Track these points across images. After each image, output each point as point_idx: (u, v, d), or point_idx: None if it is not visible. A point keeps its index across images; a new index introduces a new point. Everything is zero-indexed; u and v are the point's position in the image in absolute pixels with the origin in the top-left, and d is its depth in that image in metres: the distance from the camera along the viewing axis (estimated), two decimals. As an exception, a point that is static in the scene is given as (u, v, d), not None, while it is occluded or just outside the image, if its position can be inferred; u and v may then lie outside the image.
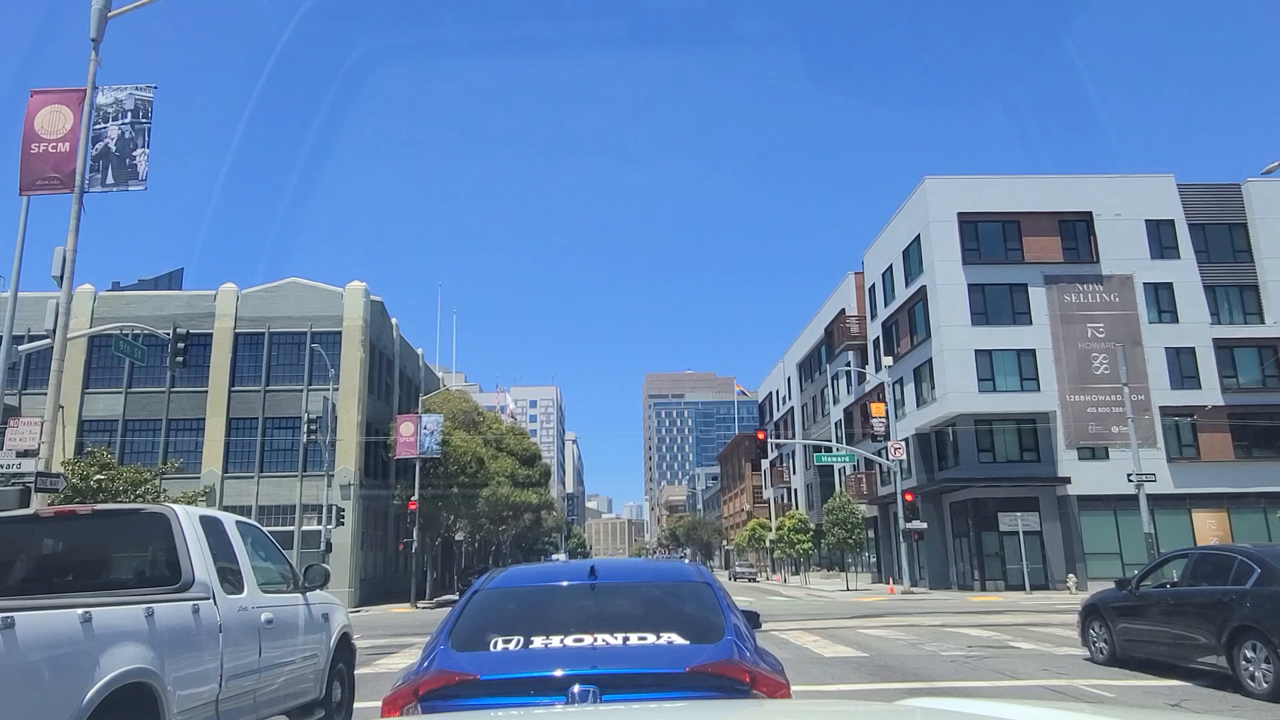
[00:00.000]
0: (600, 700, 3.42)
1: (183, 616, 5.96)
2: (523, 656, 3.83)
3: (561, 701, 3.46)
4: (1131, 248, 41.17)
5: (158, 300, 40.29)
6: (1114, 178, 43.04)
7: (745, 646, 3.97)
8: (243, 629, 6.75)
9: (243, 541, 7.37)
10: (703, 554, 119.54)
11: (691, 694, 3.59)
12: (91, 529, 7.16)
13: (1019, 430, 40.76)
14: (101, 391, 39.56)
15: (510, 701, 3.59)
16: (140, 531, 7.10)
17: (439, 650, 3.97)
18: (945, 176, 43.28)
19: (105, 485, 33.90)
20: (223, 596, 6.59)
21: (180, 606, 5.97)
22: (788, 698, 3.96)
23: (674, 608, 4.39)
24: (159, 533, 6.62)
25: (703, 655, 3.76)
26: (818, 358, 64.57)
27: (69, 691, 4.64)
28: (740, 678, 3.69)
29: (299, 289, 41.19)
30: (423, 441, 39.04)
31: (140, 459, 37.77)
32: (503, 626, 4.11)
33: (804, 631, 18.57)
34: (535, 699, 3.57)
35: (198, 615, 6.15)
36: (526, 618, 4.26)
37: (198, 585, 6.35)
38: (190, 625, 6.03)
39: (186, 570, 6.36)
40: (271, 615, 7.28)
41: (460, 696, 3.62)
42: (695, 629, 4.06)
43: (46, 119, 14.32)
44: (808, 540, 54.07)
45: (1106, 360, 39.67)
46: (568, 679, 3.54)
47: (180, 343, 23.18)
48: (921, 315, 43.23)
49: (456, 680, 3.67)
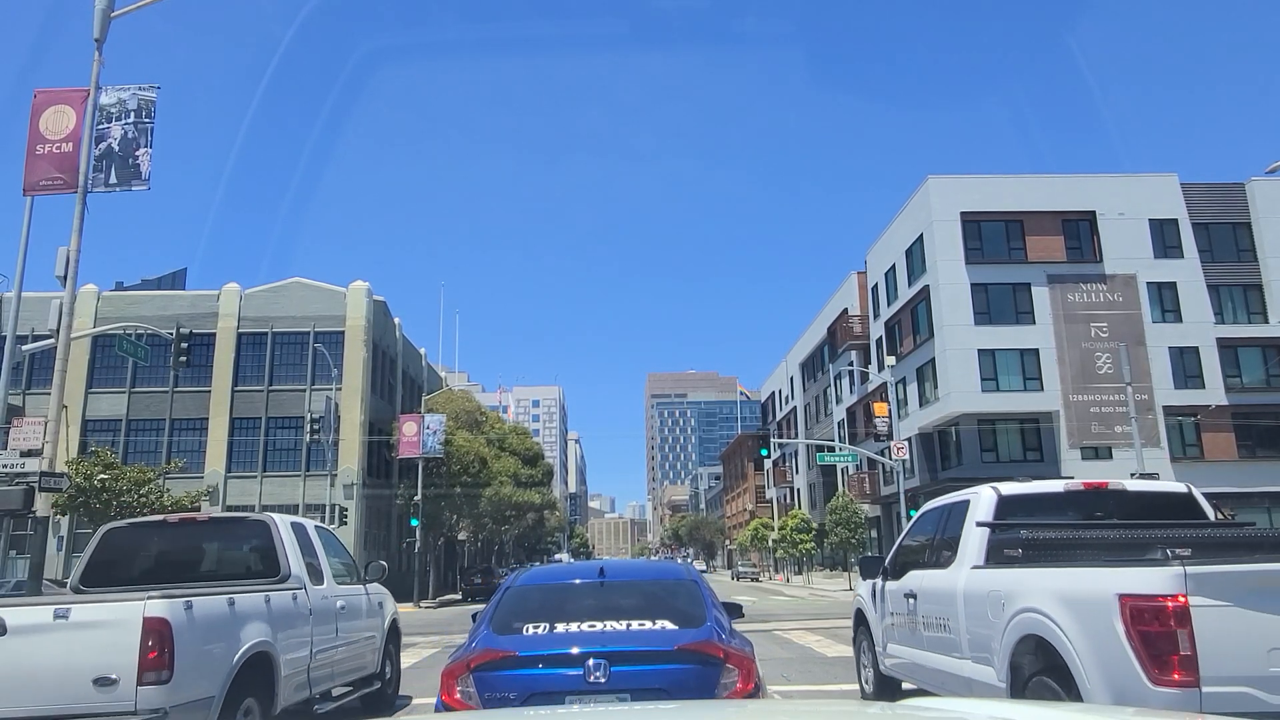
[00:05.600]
0: (610, 673, 4.48)
1: (286, 602, 7.43)
2: (549, 638, 4.83)
3: (579, 672, 4.51)
4: (1135, 247, 41.10)
5: (161, 300, 40.34)
6: (1117, 177, 42.98)
7: (722, 631, 4.98)
8: (325, 613, 8.16)
9: (320, 542, 8.83)
10: (705, 553, 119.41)
11: (679, 666, 4.63)
12: (207, 532, 8.89)
13: (1022, 430, 40.72)
14: (105, 391, 39.62)
15: (540, 673, 4.62)
16: (246, 535, 8.58)
17: (484, 634, 5.00)
18: (948, 176, 43.23)
19: (109, 485, 34.01)
20: (310, 587, 8.02)
21: (284, 594, 7.45)
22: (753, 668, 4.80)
23: (667, 601, 5.31)
24: (260, 535, 8.12)
25: (687, 637, 4.79)
26: (820, 357, 64.53)
27: (224, 654, 6.23)
28: (716, 654, 4.69)
29: (302, 289, 41.24)
30: (425, 441, 39.07)
31: (144, 459, 37.84)
32: (532, 615, 5.10)
33: (806, 631, 18.60)
34: (559, 670, 4.59)
35: (295, 601, 7.63)
36: (550, 608, 5.21)
37: (293, 578, 7.80)
38: (291, 609, 7.49)
39: (284, 566, 7.82)
40: (344, 603, 8.74)
41: (502, 669, 4.65)
42: (683, 617, 5.03)
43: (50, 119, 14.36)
44: (810, 540, 54.05)
45: (1110, 360, 39.60)
46: (583, 655, 4.57)
47: (183, 343, 23.19)
48: (924, 315, 43.19)
49: (499, 656, 4.69)
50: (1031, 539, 6.18)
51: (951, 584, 6.89)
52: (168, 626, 5.65)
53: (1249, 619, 4.45)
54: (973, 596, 6.49)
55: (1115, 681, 4.71)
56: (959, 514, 7.32)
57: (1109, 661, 4.76)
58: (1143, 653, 4.58)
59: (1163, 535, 5.60)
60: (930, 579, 7.46)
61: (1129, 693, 4.62)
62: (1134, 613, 4.65)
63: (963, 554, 6.92)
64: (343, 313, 40.67)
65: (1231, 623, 4.45)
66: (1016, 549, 6.29)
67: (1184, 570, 4.50)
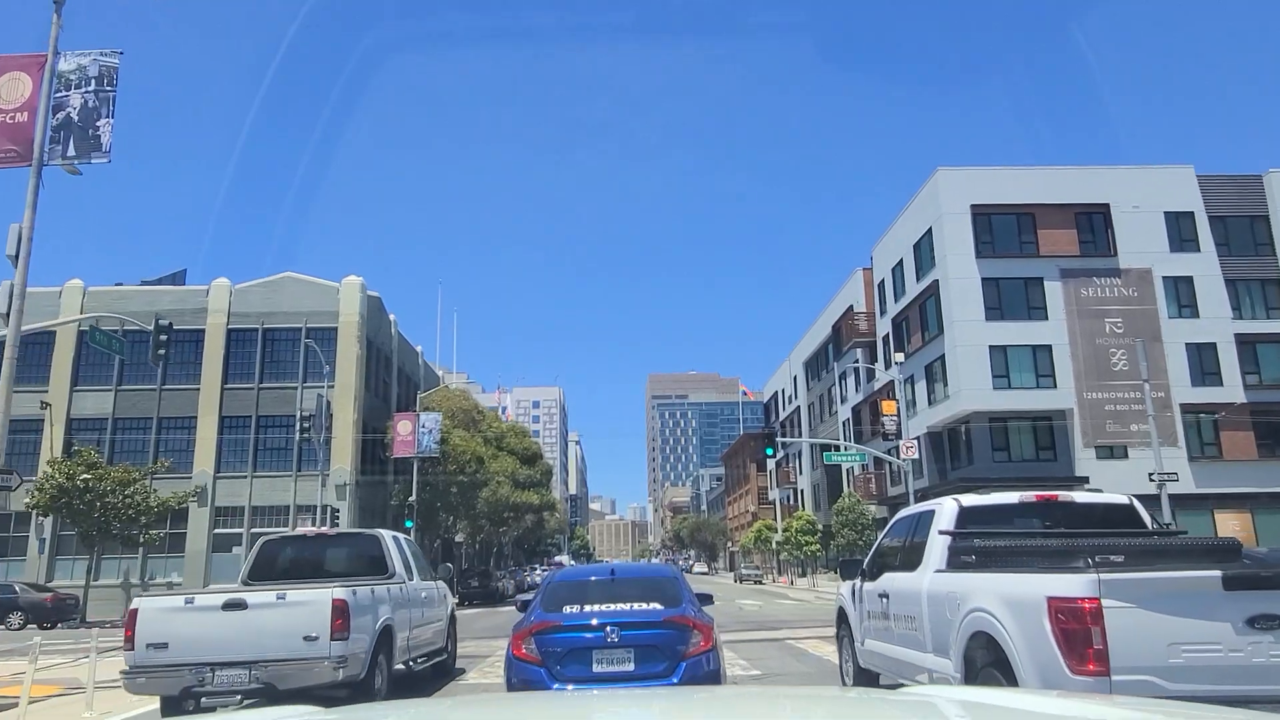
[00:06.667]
0: (620, 635, 7.09)
1: (396, 592, 10.42)
2: (581, 614, 7.39)
3: (601, 635, 7.09)
4: (1150, 241, 39.97)
5: (149, 295, 39.19)
6: (1131, 169, 41.85)
7: (692, 609, 7.56)
8: (416, 601, 11.19)
9: (409, 550, 12.02)
10: (707, 555, 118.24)
11: (664, 630, 7.20)
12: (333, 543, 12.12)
13: (1034, 429, 39.58)
14: (91, 389, 38.50)
15: (576, 635, 7.17)
16: (362, 544, 11.58)
17: (538, 611, 7.57)
18: (958, 168, 42.12)
19: (92, 485, 32.89)
20: (407, 582, 11.08)
21: (394, 586, 10.47)
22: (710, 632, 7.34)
23: (657, 590, 7.89)
24: (373, 545, 11.26)
25: (670, 613, 7.39)
26: (825, 356, 63.39)
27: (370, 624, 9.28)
28: (687, 624, 7.26)
29: (294, 284, 40.11)
30: (421, 440, 37.96)
31: (131, 458, 36.75)
32: (568, 599, 7.70)
33: (821, 641, 17.40)
34: (588, 634, 7.13)
35: (401, 591, 10.62)
36: (579, 595, 7.81)
37: (397, 575, 10.84)
38: (399, 596, 10.44)
39: (391, 566, 10.89)
40: (426, 594, 11.90)
41: (553, 633, 7.19)
42: (668, 600, 7.64)
43: (5, 86, 13.24)
44: (815, 542, 52.86)
45: (1125, 356, 38.47)
46: (603, 624, 7.15)
47: (162, 335, 22.05)
48: (933, 310, 42.05)
49: (550, 625, 7.25)
50: (983, 546, 6.76)
51: (918, 586, 7.50)
52: (345, 605, 8.67)
53: (1153, 619, 5.12)
54: (934, 597, 7.12)
55: (1043, 672, 5.34)
56: (926, 522, 7.96)
57: (1039, 654, 5.40)
58: (1064, 646, 5.22)
59: (1093, 544, 6.06)
60: (901, 580, 8.02)
61: (1054, 681, 5.23)
62: (1058, 612, 5.27)
63: (928, 559, 7.54)
64: (336, 308, 39.52)
65: (1137, 621, 5.11)
66: (970, 555, 6.91)
67: (1098, 577, 5.17)
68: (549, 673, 7.07)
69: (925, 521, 7.97)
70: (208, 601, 8.75)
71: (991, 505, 7.84)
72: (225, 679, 8.47)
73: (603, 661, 7.09)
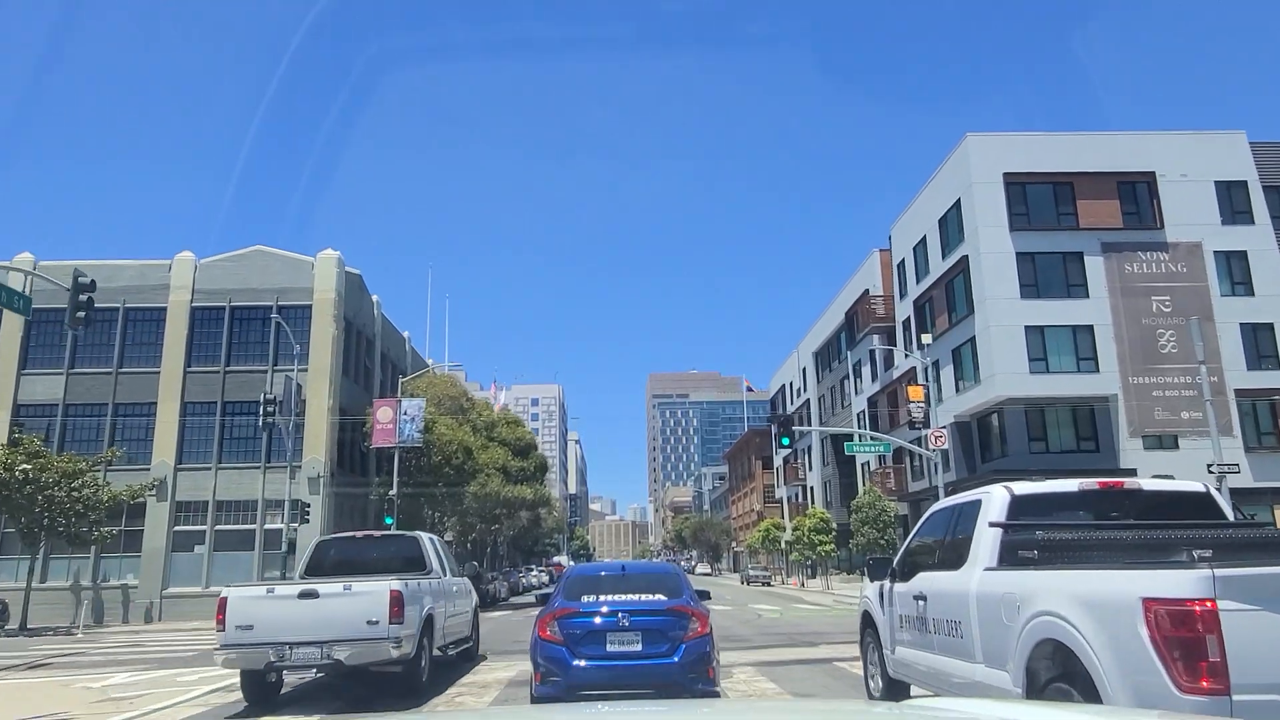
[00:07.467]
0: (631, 620, 8.46)
1: (434, 585, 12.42)
2: (596, 602, 8.75)
3: (615, 620, 8.43)
4: (1200, 212, 36.57)
5: (106, 270, 35.48)
6: (1178, 134, 38.47)
7: (692, 600, 8.85)
8: (449, 594, 13.37)
9: (441, 549, 14.21)
10: (710, 555, 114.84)
11: (667, 617, 8.53)
12: (379, 543, 14.29)
13: (1075, 416, 36.20)
14: (40, 373, 35.06)
15: (592, 620, 8.51)
16: (403, 544, 13.66)
17: (560, 600, 8.93)
18: (989, 134, 38.80)
19: (33, 476, 29.47)
20: (441, 577, 13.21)
21: (433, 580, 12.53)
22: (706, 619, 8.65)
23: (661, 583, 9.28)
24: (412, 545, 13.43)
25: (673, 602, 8.73)
26: (837, 345, 60.00)
27: (417, 613, 11.27)
28: (687, 611, 8.57)
29: (263, 257, 36.67)
30: (403, 428, 34.48)
31: (83, 447, 33.37)
32: (585, 590, 9.11)
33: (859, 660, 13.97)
34: (603, 619, 8.48)
35: (438, 584, 12.71)
36: (594, 586, 9.21)
37: (434, 570, 12.99)
38: (437, 589, 12.53)
39: (429, 563, 13.02)
40: (456, 587, 14.21)
41: (573, 618, 8.54)
42: (671, 591, 9.00)
43: None
44: (830, 541, 49.45)
45: (1174, 337, 35.11)
46: (614, 611, 8.52)
47: (81, 294, 18.68)
48: (962, 289, 38.65)
49: (570, 611, 8.61)
50: (1048, 540, 6.04)
51: (963, 586, 6.64)
52: (400, 594, 10.37)
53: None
54: (985, 599, 6.24)
55: (1139, 689, 4.43)
56: (970, 514, 7.11)
57: (1132, 667, 4.49)
58: (1169, 659, 4.29)
59: (1184, 536, 5.45)
60: (941, 581, 7.19)
61: (1154, 700, 4.32)
62: (1159, 617, 4.35)
63: (975, 555, 6.69)
64: (310, 284, 36.06)
65: (1262, 627, 4.18)
66: (1032, 550, 6.11)
67: (1212, 573, 4.20)
68: (570, 651, 8.37)
69: (969, 513, 7.09)
70: (286, 591, 10.57)
71: (1048, 493, 6.84)
72: (301, 655, 10.04)
73: (615, 642, 8.38)
